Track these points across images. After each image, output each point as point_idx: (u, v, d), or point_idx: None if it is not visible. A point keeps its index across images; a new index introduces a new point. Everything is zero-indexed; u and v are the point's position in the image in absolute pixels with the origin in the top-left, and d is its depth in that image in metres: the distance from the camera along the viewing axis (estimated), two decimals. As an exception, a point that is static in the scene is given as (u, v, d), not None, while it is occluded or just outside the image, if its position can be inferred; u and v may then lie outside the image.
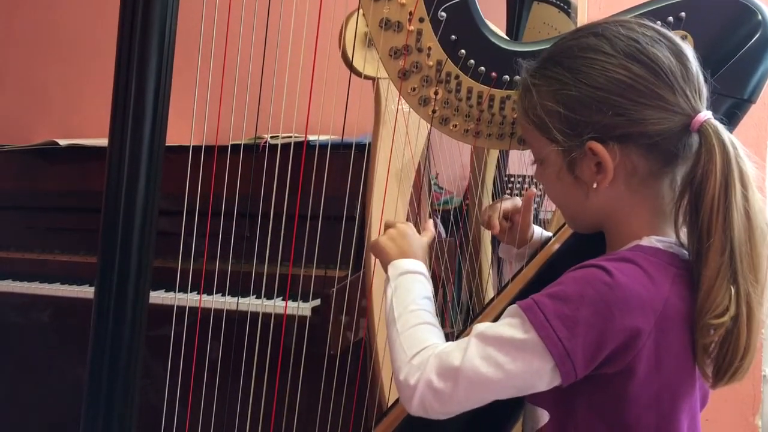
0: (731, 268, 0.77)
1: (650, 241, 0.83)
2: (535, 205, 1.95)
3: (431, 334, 0.86)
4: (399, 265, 0.95)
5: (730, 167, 0.77)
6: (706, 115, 0.80)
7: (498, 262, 1.86)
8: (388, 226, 1.02)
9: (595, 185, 0.83)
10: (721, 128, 0.79)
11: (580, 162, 0.83)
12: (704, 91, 0.82)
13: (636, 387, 0.78)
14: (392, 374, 0.86)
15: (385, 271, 0.97)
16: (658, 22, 0.86)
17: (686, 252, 0.83)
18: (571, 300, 0.76)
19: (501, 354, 0.77)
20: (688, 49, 0.82)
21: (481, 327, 0.80)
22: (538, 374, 0.77)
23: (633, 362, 0.76)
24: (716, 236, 0.77)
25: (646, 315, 0.76)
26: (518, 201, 1.16)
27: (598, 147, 0.81)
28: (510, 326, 0.78)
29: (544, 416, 0.86)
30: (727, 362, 0.78)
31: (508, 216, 1.16)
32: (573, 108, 0.81)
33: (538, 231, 1.19)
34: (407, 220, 1.40)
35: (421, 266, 0.96)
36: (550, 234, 1.20)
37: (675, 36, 0.83)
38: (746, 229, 0.77)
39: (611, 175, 0.81)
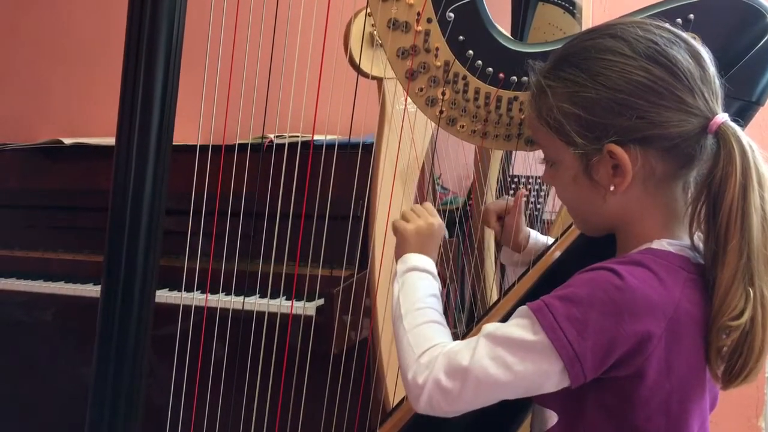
0: (749, 270, 0.76)
1: (661, 244, 0.82)
2: (539, 206, 1.95)
3: (439, 333, 0.86)
4: (409, 259, 0.95)
5: (749, 169, 0.77)
6: (723, 117, 0.79)
7: (502, 264, 1.86)
8: (420, 213, 0.99)
9: (612, 188, 0.82)
10: (739, 130, 0.79)
11: (597, 165, 0.82)
12: (720, 93, 0.82)
13: (646, 390, 0.78)
14: (398, 370, 0.86)
15: (396, 258, 0.97)
16: (667, 23, 0.85)
17: (698, 255, 0.83)
18: (581, 302, 0.75)
19: (510, 355, 0.77)
20: (705, 51, 0.82)
21: (491, 327, 0.80)
22: (547, 376, 0.77)
23: (643, 366, 0.76)
24: (735, 239, 0.76)
25: (657, 319, 0.76)
26: (511, 202, 1.16)
27: (618, 150, 0.80)
28: (519, 327, 0.78)
29: (552, 417, 0.86)
30: (742, 364, 0.78)
31: (503, 217, 1.16)
32: (592, 110, 0.80)
33: (536, 236, 1.18)
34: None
35: (431, 265, 0.95)
36: (547, 238, 1.20)
37: (690, 38, 0.83)
38: (764, 230, 0.77)
39: (630, 178, 0.81)
